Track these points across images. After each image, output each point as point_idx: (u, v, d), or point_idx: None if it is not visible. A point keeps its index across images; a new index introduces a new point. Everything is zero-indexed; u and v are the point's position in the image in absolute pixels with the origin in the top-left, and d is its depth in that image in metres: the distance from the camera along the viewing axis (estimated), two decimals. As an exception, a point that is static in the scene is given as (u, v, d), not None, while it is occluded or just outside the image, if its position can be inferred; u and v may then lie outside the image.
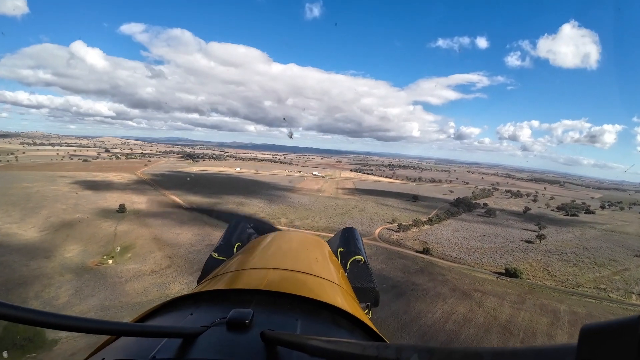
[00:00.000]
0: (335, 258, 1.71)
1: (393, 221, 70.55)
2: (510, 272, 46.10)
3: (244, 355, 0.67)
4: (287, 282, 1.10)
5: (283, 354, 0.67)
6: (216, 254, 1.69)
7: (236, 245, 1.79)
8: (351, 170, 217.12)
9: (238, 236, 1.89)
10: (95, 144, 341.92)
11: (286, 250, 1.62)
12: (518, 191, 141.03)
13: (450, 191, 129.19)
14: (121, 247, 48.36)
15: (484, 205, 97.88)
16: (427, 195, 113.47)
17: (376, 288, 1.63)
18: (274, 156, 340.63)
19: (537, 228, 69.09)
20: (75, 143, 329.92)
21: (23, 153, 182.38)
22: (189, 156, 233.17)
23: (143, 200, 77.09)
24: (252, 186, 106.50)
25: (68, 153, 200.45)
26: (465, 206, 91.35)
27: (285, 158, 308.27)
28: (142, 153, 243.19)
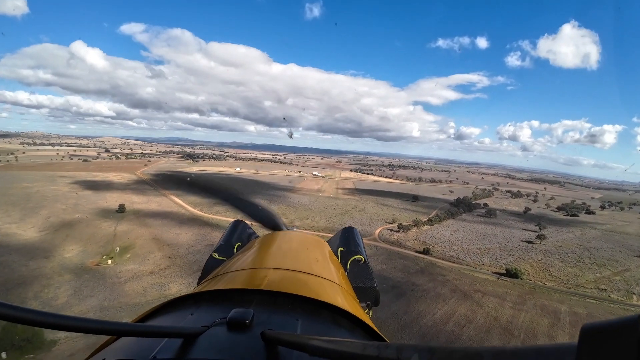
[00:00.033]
0: (335, 258, 1.72)
1: (393, 221, 70.44)
2: (510, 273, 45.99)
3: (245, 355, 0.67)
4: (288, 282, 1.11)
5: (284, 354, 0.68)
6: (216, 254, 1.71)
7: (236, 245, 1.80)
8: (351, 170, 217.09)
9: (238, 236, 1.90)
10: (95, 144, 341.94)
11: (286, 250, 1.63)
12: (518, 191, 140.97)
13: (450, 191, 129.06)
14: (120, 248, 48.28)
15: (484, 205, 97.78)
16: (427, 195, 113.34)
17: (376, 287, 1.64)
18: (274, 156, 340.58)
19: (538, 228, 69.00)
20: (75, 143, 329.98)
21: (23, 153, 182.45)
22: (189, 156, 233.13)
23: (143, 199, 77.09)
24: (252, 186, 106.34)
25: (68, 153, 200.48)
26: (465, 206, 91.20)
27: (285, 158, 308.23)
28: (142, 153, 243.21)
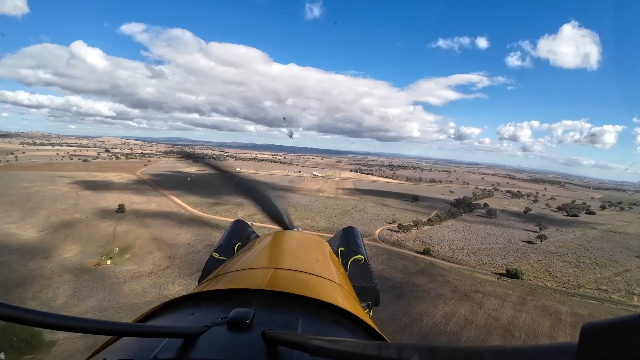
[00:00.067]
0: (335, 257, 1.72)
1: (393, 221, 70.31)
2: (511, 273, 45.86)
3: (245, 355, 0.67)
4: (288, 282, 1.10)
5: (284, 354, 0.67)
6: (217, 254, 1.70)
7: (237, 245, 1.79)
8: (351, 170, 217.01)
9: (239, 236, 1.89)
10: (95, 144, 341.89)
11: (287, 249, 1.62)
12: (518, 191, 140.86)
13: (450, 191, 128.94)
14: (120, 248, 48.19)
15: (485, 205, 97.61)
16: (428, 195, 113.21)
17: (377, 287, 1.64)
18: (274, 156, 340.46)
19: (538, 228, 68.82)
20: (75, 143, 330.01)
21: (23, 153, 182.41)
22: (189, 156, 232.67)
23: (143, 199, 76.99)
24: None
25: (68, 153, 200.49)
26: (465, 206, 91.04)
27: (285, 158, 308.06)
28: (142, 153, 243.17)
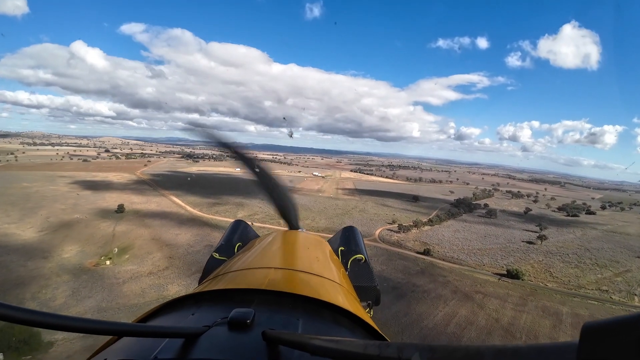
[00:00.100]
0: (336, 257, 1.71)
1: (393, 222, 70.20)
2: (511, 274, 45.73)
3: (246, 354, 0.67)
4: (288, 282, 1.10)
5: (285, 354, 0.67)
6: (217, 254, 1.69)
7: (237, 245, 1.79)
8: (351, 170, 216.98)
9: (239, 236, 1.89)
10: (95, 144, 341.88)
11: (287, 249, 1.61)
12: (519, 192, 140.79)
13: (450, 192, 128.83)
14: (119, 248, 48.08)
15: (485, 205, 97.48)
16: (428, 195, 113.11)
17: (377, 287, 1.64)
18: (274, 156, 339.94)
19: (538, 229, 68.67)
20: (75, 143, 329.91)
21: (23, 153, 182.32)
22: (189, 156, 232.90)
23: (142, 199, 76.84)
24: (252, 186, 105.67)
25: (68, 153, 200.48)
26: (465, 207, 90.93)
27: (285, 158, 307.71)
28: (142, 153, 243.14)
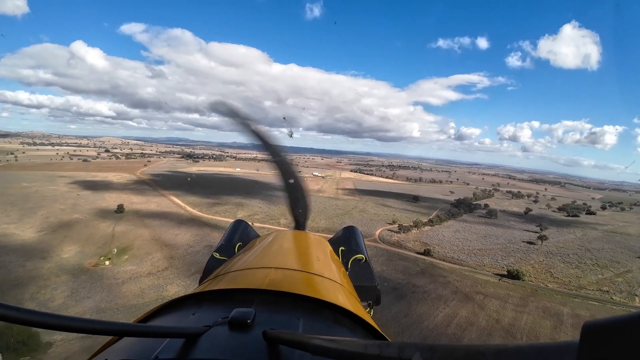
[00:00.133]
0: (336, 257, 1.70)
1: (393, 222, 70.10)
2: (512, 274, 45.65)
3: (247, 354, 0.67)
4: (289, 281, 1.10)
5: (285, 353, 0.67)
6: (217, 254, 1.68)
7: (237, 245, 1.77)
8: (351, 170, 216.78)
9: (239, 236, 1.87)
10: (95, 144, 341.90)
11: (287, 249, 1.61)
12: (519, 192, 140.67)
13: (450, 192, 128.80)
14: (118, 248, 47.96)
15: (485, 206, 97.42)
16: (428, 195, 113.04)
17: (377, 286, 1.63)
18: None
19: (539, 229, 68.64)
20: (75, 143, 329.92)
21: (23, 153, 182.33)
22: (189, 156, 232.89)
23: (142, 199, 76.74)
24: (252, 186, 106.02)
25: (68, 153, 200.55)
26: (466, 207, 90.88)
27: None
28: (142, 153, 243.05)
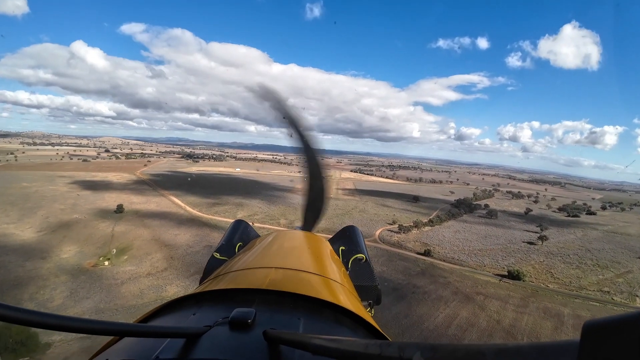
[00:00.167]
0: (336, 256, 1.70)
1: (394, 222, 69.97)
2: (512, 275, 45.53)
3: (247, 354, 0.67)
4: (289, 281, 1.10)
5: (286, 353, 0.67)
6: (218, 254, 1.69)
7: (237, 245, 1.78)
8: (351, 170, 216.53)
9: (239, 236, 1.87)
10: (95, 144, 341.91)
11: (288, 249, 1.61)
12: (519, 192, 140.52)
13: (451, 192, 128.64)
14: (118, 249, 47.86)
15: (485, 206, 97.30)
16: (428, 196, 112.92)
17: (378, 286, 1.63)
18: (274, 156, 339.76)
19: (539, 229, 68.54)
20: (75, 143, 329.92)
21: (23, 153, 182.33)
22: (189, 156, 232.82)
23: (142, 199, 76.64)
24: (252, 186, 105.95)
25: (68, 153, 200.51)
26: (466, 207, 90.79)
27: (285, 158, 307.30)
28: (142, 153, 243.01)
